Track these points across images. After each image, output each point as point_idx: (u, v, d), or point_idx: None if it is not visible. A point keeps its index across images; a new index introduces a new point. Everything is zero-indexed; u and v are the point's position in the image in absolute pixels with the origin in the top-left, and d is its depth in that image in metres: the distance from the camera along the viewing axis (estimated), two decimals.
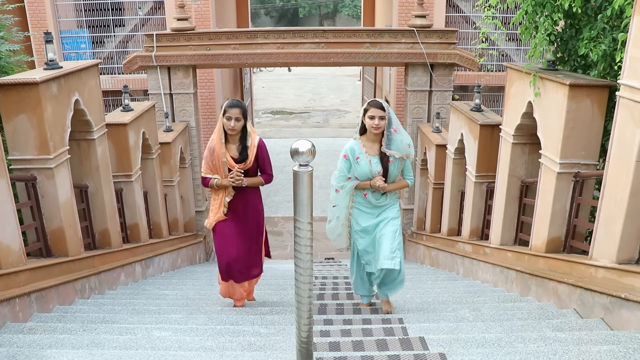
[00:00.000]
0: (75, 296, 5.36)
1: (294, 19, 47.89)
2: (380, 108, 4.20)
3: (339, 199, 4.42)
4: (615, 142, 4.11)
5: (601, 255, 4.33)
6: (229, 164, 4.44)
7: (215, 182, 4.47)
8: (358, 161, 4.29)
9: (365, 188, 4.36)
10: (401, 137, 4.30)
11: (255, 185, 4.57)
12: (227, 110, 4.34)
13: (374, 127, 4.20)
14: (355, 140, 4.38)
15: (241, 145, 4.46)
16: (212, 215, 4.59)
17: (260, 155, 4.51)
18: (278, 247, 11.22)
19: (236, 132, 4.40)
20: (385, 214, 4.43)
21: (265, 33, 10.97)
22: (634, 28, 3.84)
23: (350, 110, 24.02)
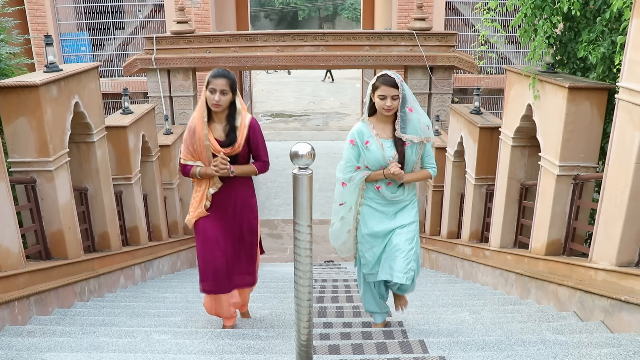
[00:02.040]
0: (74, 299, 5.36)
1: (294, 21, 47.97)
2: (393, 86, 3.46)
3: (346, 195, 3.67)
4: (614, 145, 4.11)
5: (601, 258, 4.33)
6: (213, 148, 3.64)
7: (198, 170, 3.69)
8: (368, 146, 3.56)
9: (378, 179, 3.61)
10: (418, 117, 3.57)
11: (247, 175, 3.79)
12: (210, 81, 3.55)
13: (385, 108, 3.49)
14: (364, 122, 3.66)
15: (228, 125, 3.66)
16: (192, 210, 3.83)
17: (253, 137, 3.71)
18: (277, 250, 11.22)
19: (222, 109, 3.61)
20: (401, 219, 3.69)
21: (265, 36, 10.99)
22: (632, 31, 3.85)
23: (349, 113, 24.03)
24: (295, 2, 45.92)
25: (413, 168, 3.64)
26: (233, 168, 3.66)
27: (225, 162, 3.60)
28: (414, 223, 3.73)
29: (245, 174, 3.77)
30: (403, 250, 3.61)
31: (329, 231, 3.89)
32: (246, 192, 3.86)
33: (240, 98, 3.69)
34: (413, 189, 3.76)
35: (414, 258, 3.64)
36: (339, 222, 3.79)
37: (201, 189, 3.78)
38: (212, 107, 3.59)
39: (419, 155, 3.64)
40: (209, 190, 3.75)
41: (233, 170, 3.66)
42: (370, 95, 3.62)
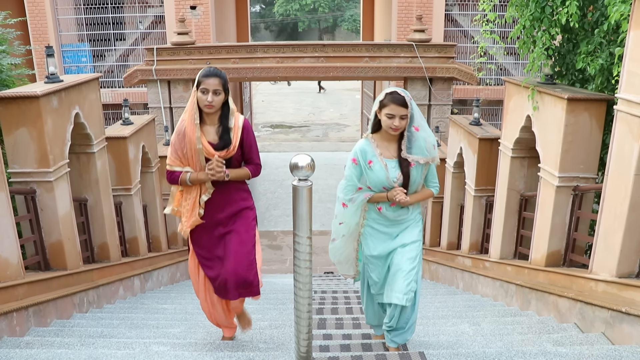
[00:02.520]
0: (73, 310, 5.34)
1: (294, 33, 48.21)
2: (402, 105, 3.26)
3: (347, 216, 3.51)
4: (613, 156, 4.12)
5: (601, 269, 4.33)
6: (207, 151, 3.43)
7: (189, 177, 3.46)
8: (371, 166, 3.38)
9: (381, 201, 3.46)
10: (425, 136, 3.38)
11: (240, 179, 3.59)
12: (201, 81, 3.36)
13: (392, 128, 3.29)
14: (367, 139, 3.45)
15: (221, 127, 3.47)
16: (184, 220, 3.59)
17: (246, 139, 3.53)
18: (277, 261, 11.20)
19: (215, 110, 3.42)
20: (404, 237, 3.52)
21: (265, 47, 11.04)
22: (630, 43, 3.87)
23: (349, 124, 24.09)
24: (295, 13, 46.17)
25: (417, 188, 3.49)
26: (228, 171, 3.45)
27: (221, 165, 3.38)
28: (417, 242, 3.53)
29: (239, 178, 3.56)
30: (404, 270, 3.43)
31: (329, 247, 3.72)
32: (241, 195, 3.65)
33: (231, 98, 3.54)
34: (417, 208, 3.59)
35: (414, 278, 3.45)
36: (340, 240, 3.64)
37: (191, 196, 3.53)
38: (205, 108, 3.39)
39: (423, 175, 3.47)
40: (201, 197, 3.52)
41: (228, 174, 3.44)
42: (375, 112, 3.41)
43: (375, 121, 3.45)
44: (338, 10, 47.18)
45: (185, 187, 3.56)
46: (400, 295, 3.39)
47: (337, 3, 46.72)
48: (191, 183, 3.49)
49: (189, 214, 3.56)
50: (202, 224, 3.59)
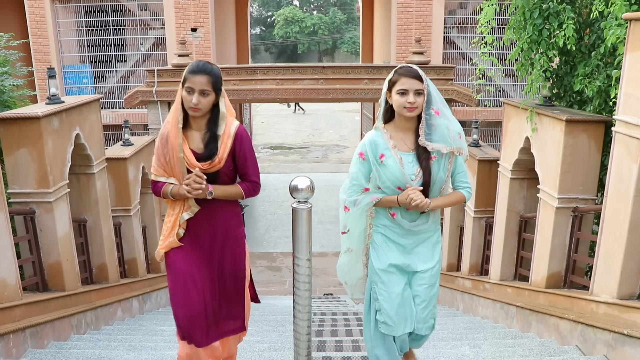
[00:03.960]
0: (70, 332, 5.29)
1: (293, 55, 48.62)
2: (415, 78, 2.76)
3: (350, 221, 2.96)
4: (612, 177, 4.13)
5: (602, 291, 4.31)
6: (188, 161, 2.90)
7: (170, 190, 2.94)
8: (383, 161, 2.82)
9: (392, 206, 2.85)
10: (447, 122, 2.83)
11: (230, 198, 3.00)
12: (187, 78, 2.83)
13: (407, 107, 2.75)
14: (377, 130, 2.91)
15: (209, 134, 2.92)
16: (162, 240, 3.07)
17: (240, 150, 2.95)
18: (277, 283, 11.14)
19: (202, 113, 2.87)
20: (424, 257, 2.94)
21: (265, 69, 11.13)
22: (626, 65, 3.91)
23: (349, 146, 24.14)
24: (295, 36, 46.63)
25: (441, 189, 2.88)
26: (211, 188, 2.88)
27: (200, 181, 2.82)
28: (439, 264, 3.01)
29: (228, 197, 2.98)
30: (424, 300, 2.96)
31: (337, 265, 3.19)
32: (230, 220, 3.06)
33: (227, 100, 2.98)
34: (437, 214, 3.00)
35: (435, 303, 3.03)
36: (345, 254, 3.07)
37: (174, 212, 3.01)
38: (189, 111, 2.87)
39: (448, 172, 2.87)
40: (182, 215, 2.99)
41: (211, 191, 2.89)
42: (385, 96, 2.91)
43: (386, 108, 2.92)
44: (337, 33, 47.67)
45: (169, 202, 3.05)
46: (420, 325, 2.97)
47: (337, 25, 47.23)
48: (173, 197, 2.97)
49: (167, 232, 3.03)
50: (180, 247, 3.03)
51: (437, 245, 3.01)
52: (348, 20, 47.41)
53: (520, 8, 5.51)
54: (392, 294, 2.91)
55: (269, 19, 50.12)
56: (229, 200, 3.03)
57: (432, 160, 2.83)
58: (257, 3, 49.61)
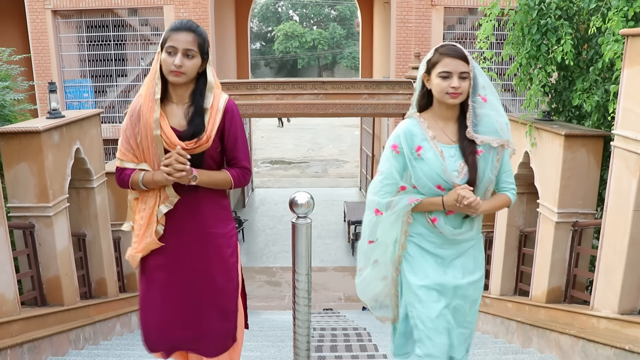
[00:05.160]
0: (69, 347, 5.26)
1: (293, 70, 48.85)
2: (461, 58, 2.33)
3: (381, 229, 2.46)
4: (611, 192, 4.14)
5: (602, 306, 4.29)
6: (167, 140, 2.37)
7: (142, 177, 2.41)
8: (420, 154, 2.37)
9: (435, 210, 2.40)
10: (495, 114, 2.41)
11: (217, 187, 2.49)
12: (168, 37, 2.34)
13: (450, 92, 2.32)
14: (413, 118, 2.46)
15: (193, 107, 2.41)
16: (135, 242, 2.52)
17: (230, 128, 2.46)
18: (276, 298, 11.09)
19: (185, 80, 2.36)
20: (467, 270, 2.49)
21: (265, 84, 11.17)
22: (624, 80, 3.93)
23: (348, 160, 24.18)
24: (295, 51, 46.89)
25: (486, 190, 2.44)
26: (196, 172, 2.38)
27: (184, 160, 2.31)
28: (483, 278, 2.57)
29: (214, 185, 2.47)
30: (464, 319, 2.53)
31: (356, 281, 2.67)
32: (217, 214, 2.55)
33: (214, 70, 2.49)
34: (480, 222, 2.53)
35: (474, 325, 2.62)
36: (370, 267, 2.57)
37: (148, 207, 2.45)
38: (170, 76, 2.34)
39: (495, 170, 2.44)
40: (159, 208, 2.43)
41: (195, 176, 2.37)
42: (422, 80, 2.44)
43: (422, 93, 2.47)
44: (337, 48, 47.95)
45: (140, 193, 2.49)
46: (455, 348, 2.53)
47: (337, 41, 47.52)
48: (146, 187, 2.43)
49: (142, 231, 2.47)
50: (160, 249, 2.48)
51: (480, 255, 2.55)
52: (348, 35, 47.71)
53: (519, 24, 5.56)
54: (433, 314, 2.42)
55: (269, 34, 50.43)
56: (215, 190, 2.51)
57: (479, 155, 2.38)
58: (257, 18, 49.98)
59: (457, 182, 2.36)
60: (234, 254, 2.61)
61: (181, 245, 2.51)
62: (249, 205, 17.33)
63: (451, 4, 11.98)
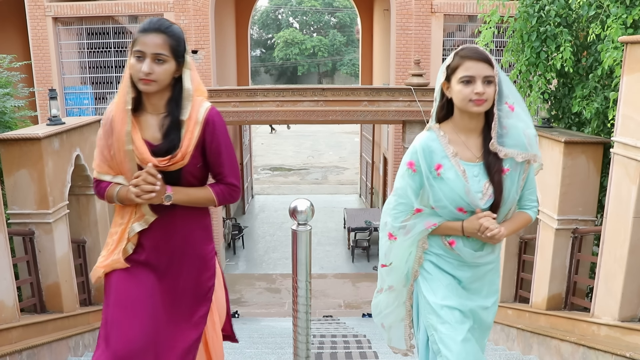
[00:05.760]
0: (68, 353, 5.24)
1: (293, 76, 48.96)
2: (485, 61, 2.09)
3: (395, 253, 2.29)
4: (611, 198, 4.14)
5: (603, 313, 4.28)
6: (140, 156, 2.16)
7: (117, 192, 2.21)
8: (440, 174, 2.15)
9: (453, 234, 2.21)
10: (523, 126, 2.16)
11: (198, 205, 2.27)
12: (137, 39, 2.10)
13: (473, 99, 2.07)
14: (432, 131, 2.21)
15: (169, 119, 2.17)
16: (103, 256, 2.30)
17: (212, 141, 2.21)
18: (276, 305, 11.07)
19: (157, 88, 2.12)
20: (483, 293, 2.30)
21: (265, 91, 11.19)
22: (624, 87, 3.94)
23: (348, 167, 24.19)
24: (295, 57, 47.01)
25: (509, 210, 2.24)
26: (170, 191, 2.16)
27: (153, 180, 2.09)
28: (497, 301, 2.39)
29: (194, 203, 2.25)
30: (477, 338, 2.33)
31: (372, 303, 2.51)
32: (196, 235, 2.32)
33: (195, 74, 2.23)
34: (500, 244, 2.34)
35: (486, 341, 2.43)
36: (386, 292, 2.42)
37: (123, 221, 2.26)
38: (140, 84, 2.11)
39: (520, 189, 2.23)
40: (132, 226, 2.22)
41: (170, 195, 2.15)
42: (441, 88, 2.20)
43: (441, 103, 2.23)
44: (337, 55, 48.08)
45: (117, 208, 2.30)
46: None
47: (337, 48, 47.65)
48: (120, 201, 2.23)
49: (113, 247, 2.27)
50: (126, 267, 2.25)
51: (496, 280, 2.37)
52: (347, 42, 47.85)
53: (518, 31, 5.58)
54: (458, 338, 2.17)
55: (269, 41, 50.58)
56: (195, 209, 2.29)
57: (505, 174, 2.15)
58: (257, 25, 50.14)
59: (481, 206, 2.15)
60: (212, 277, 2.39)
61: (155, 267, 2.28)
62: (249, 212, 17.32)
63: (451, 11, 12.02)
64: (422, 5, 11.93)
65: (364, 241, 13.12)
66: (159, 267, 2.29)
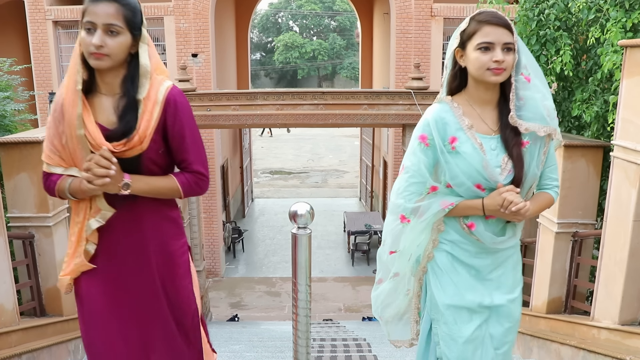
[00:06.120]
0: (68, 357, 5.24)
1: (293, 80, 49.03)
2: (504, 26, 1.91)
3: (406, 238, 2.08)
4: (611, 202, 4.14)
5: (603, 317, 4.28)
6: (93, 141, 1.91)
7: (69, 185, 1.97)
8: (455, 147, 1.97)
9: (472, 214, 2.01)
10: (540, 96, 2.00)
11: (161, 196, 2.03)
12: (87, 9, 1.87)
13: (492, 68, 1.91)
14: (444, 102, 2.05)
15: (125, 100, 1.94)
16: (65, 262, 2.09)
17: (174, 124, 1.98)
18: (276, 308, 11.06)
19: (110, 64, 1.89)
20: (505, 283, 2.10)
21: (265, 94, 11.20)
22: (623, 91, 3.94)
23: (348, 171, 24.19)
24: (295, 61, 47.07)
25: (530, 188, 2.07)
26: (128, 178, 1.92)
27: (107, 164, 1.85)
28: (521, 293, 2.18)
29: (156, 194, 2.01)
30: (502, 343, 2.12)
31: (372, 295, 2.35)
32: (163, 230, 2.10)
33: (153, 50, 2.01)
34: (521, 226, 2.15)
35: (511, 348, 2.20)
36: (390, 281, 2.23)
37: (79, 219, 2.02)
38: (91, 59, 1.87)
39: (541, 165, 2.06)
40: (88, 223, 1.99)
41: (128, 183, 1.92)
42: (453, 56, 2.04)
43: (453, 72, 2.06)
44: (337, 58, 48.15)
45: (73, 203, 2.05)
46: None
47: (336, 51, 47.72)
48: (74, 196, 1.98)
49: (72, 250, 2.05)
50: (93, 271, 2.05)
51: (518, 266, 2.18)
52: (347, 46, 47.93)
53: (518, 35, 5.58)
54: (459, 339, 2.05)
55: (269, 45, 50.67)
56: (161, 201, 2.06)
57: (524, 147, 1.99)
58: (257, 29, 50.22)
59: (501, 181, 1.97)
60: (186, 274, 2.16)
61: (121, 268, 2.06)
62: (248, 215, 17.32)
63: (451, 14, 12.05)
64: (422, 9, 11.96)
65: (364, 245, 13.12)
66: (127, 268, 2.06)
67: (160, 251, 2.09)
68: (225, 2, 15.49)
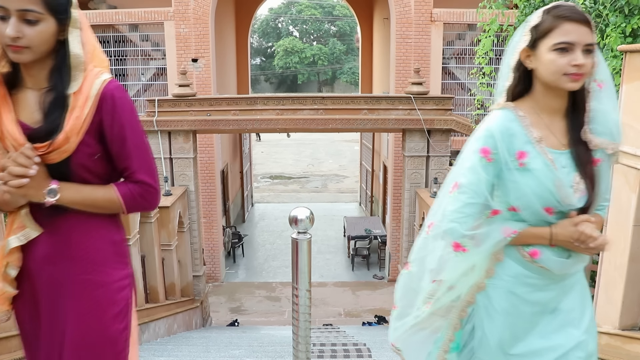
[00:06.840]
0: None
1: (293, 85, 49.11)
2: (586, 23, 1.61)
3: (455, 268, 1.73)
4: (611, 207, 4.14)
5: (603, 321, 4.27)
6: (13, 141, 1.61)
7: None
8: (524, 163, 1.67)
9: (537, 243, 1.70)
10: (612, 104, 1.79)
11: (97, 210, 1.69)
12: None
13: (571, 73, 1.62)
14: (508, 110, 1.73)
15: (52, 95, 1.62)
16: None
17: (111, 124, 1.66)
18: (276, 313, 11.04)
19: (31, 56, 1.59)
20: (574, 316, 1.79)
21: (265, 99, 11.22)
22: (623, 96, 3.95)
23: (348, 175, 24.20)
24: (295, 66, 47.15)
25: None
26: (56, 184, 1.63)
27: (28, 162, 1.57)
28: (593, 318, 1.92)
29: (91, 206, 1.68)
30: None
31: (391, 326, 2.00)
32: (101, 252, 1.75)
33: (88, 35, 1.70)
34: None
35: None
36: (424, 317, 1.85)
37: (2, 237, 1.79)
38: (9, 52, 1.58)
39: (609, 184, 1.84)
40: (8, 241, 1.68)
41: (54, 189, 1.62)
42: (518, 55, 1.74)
43: (518, 75, 1.76)
44: (337, 63, 48.24)
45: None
46: None
47: (336, 56, 47.82)
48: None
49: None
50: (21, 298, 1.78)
51: (586, 291, 1.86)
52: (347, 51, 48.03)
53: None
54: None
55: (269, 50, 50.77)
56: (100, 218, 1.73)
57: (598, 164, 1.74)
58: (257, 34, 50.35)
59: (575, 204, 1.69)
60: (121, 317, 1.78)
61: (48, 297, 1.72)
62: (248, 220, 17.32)
63: (450, 19, 12.08)
64: (421, 14, 11.99)
65: (364, 249, 13.11)
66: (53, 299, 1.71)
67: (93, 280, 1.71)
68: (225, 7, 15.54)
